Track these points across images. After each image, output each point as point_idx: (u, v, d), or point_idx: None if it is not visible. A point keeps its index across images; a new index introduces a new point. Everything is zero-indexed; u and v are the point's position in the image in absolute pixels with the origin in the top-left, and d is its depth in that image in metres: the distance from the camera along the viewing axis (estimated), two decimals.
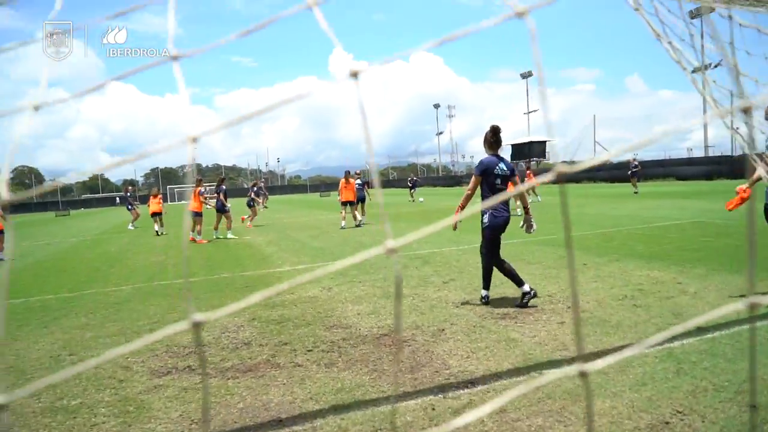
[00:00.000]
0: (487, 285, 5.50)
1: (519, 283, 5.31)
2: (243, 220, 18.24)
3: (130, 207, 21.28)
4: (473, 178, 5.35)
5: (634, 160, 26.36)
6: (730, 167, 33.06)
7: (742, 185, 4.75)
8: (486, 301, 5.47)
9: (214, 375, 3.92)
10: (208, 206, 13.98)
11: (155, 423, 3.17)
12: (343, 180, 15.77)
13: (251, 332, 4.96)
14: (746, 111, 0.45)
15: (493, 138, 5.41)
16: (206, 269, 9.02)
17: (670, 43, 1.55)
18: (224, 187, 14.27)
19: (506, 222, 5.42)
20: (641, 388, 3.26)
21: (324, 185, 79.34)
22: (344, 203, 15.54)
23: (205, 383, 3.76)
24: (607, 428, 2.79)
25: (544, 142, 62.40)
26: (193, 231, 13.69)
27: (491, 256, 5.43)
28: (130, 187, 24.35)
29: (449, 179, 72.57)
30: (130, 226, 20.22)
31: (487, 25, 0.55)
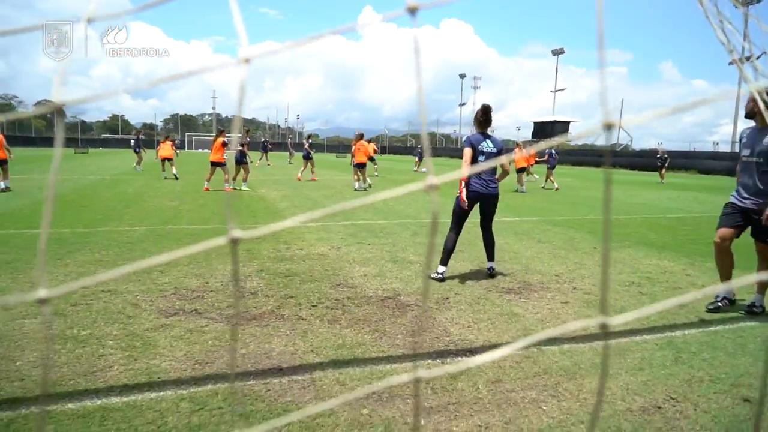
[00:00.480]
0: (445, 260, 5.38)
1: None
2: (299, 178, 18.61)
3: (137, 149, 22.04)
4: (465, 151, 5.27)
5: (663, 152, 25.73)
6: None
7: None
8: (442, 277, 5.34)
9: (219, 320, 4.01)
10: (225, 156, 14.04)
11: (160, 359, 3.27)
12: (354, 142, 15.69)
13: (258, 283, 5.05)
14: None
15: (482, 117, 5.36)
16: (219, 217, 9.12)
17: (721, 21, 1.49)
18: (248, 138, 14.33)
19: (475, 198, 5.32)
20: (638, 372, 3.29)
21: (342, 146, 78.95)
22: (357, 165, 15.50)
23: (237, 306, 3.86)
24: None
25: (568, 122, 61.28)
26: (208, 180, 13.85)
27: (454, 230, 5.41)
28: (142, 131, 25.25)
29: (448, 151, 71.79)
30: (137, 168, 21.55)
31: None
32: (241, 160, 14.21)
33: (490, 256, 5.61)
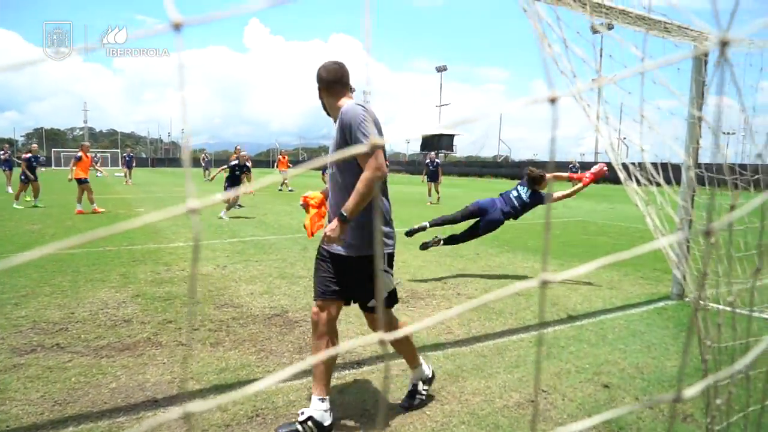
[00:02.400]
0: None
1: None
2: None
3: (4, 168, 19.49)
4: None
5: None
6: (613, 173, 36.15)
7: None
8: (424, 228, 6.20)
9: (85, 353, 3.65)
10: (98, 174, 12.92)
11: (10, 405, 2.89)
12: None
13: (133, 309, 4.68)
14: (552, 101, 0.48)
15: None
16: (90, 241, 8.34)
17: (549, 46, 1.64)
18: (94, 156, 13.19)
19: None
20: (514, 369, 3.49)
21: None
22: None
23: (191, 304, 3.48)
24: (479, 406, 2.96)
25: (453, 135, 64.47)
26: (80, 202, 12.61)
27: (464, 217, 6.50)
28: (6, 146, 22.12)
29: (414, 166, 72.67)
30: (8, 189, 18.64)
31: None
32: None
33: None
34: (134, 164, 29.51)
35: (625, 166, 2.13)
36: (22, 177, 14.05)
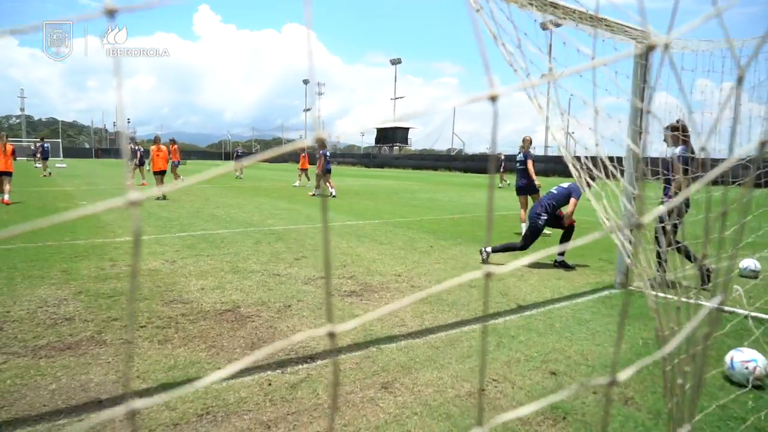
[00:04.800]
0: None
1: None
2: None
3: None
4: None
5: (501, 154, 28.49)
6: (564, 166, 37.24)
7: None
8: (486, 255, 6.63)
9: (22, 354, 3.47)
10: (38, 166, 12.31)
11: None
12: (154, 147, 14.77)
13: (75, 307, 4.48)
14: (493, 99, 0.49)
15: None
16: (28, 235, 7.91)
17: (503, 45, 1.67)
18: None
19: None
20: (466, 360, 3.56)
21: (182, 153, 73.97)
22: (155, 173, 14.66)
23: (130, 305, 3.29)
24: (431, 396, 3.00)
25: (407, 129, 64.79)
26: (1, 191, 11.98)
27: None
28: None
29: (311, 157, 72.09)
30: None
31: None
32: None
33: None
34: (50, 155, 27.20)
35: (577, 159, 2.20)
36: None
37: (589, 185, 3.21)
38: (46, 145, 26.70)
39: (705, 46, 4.61)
